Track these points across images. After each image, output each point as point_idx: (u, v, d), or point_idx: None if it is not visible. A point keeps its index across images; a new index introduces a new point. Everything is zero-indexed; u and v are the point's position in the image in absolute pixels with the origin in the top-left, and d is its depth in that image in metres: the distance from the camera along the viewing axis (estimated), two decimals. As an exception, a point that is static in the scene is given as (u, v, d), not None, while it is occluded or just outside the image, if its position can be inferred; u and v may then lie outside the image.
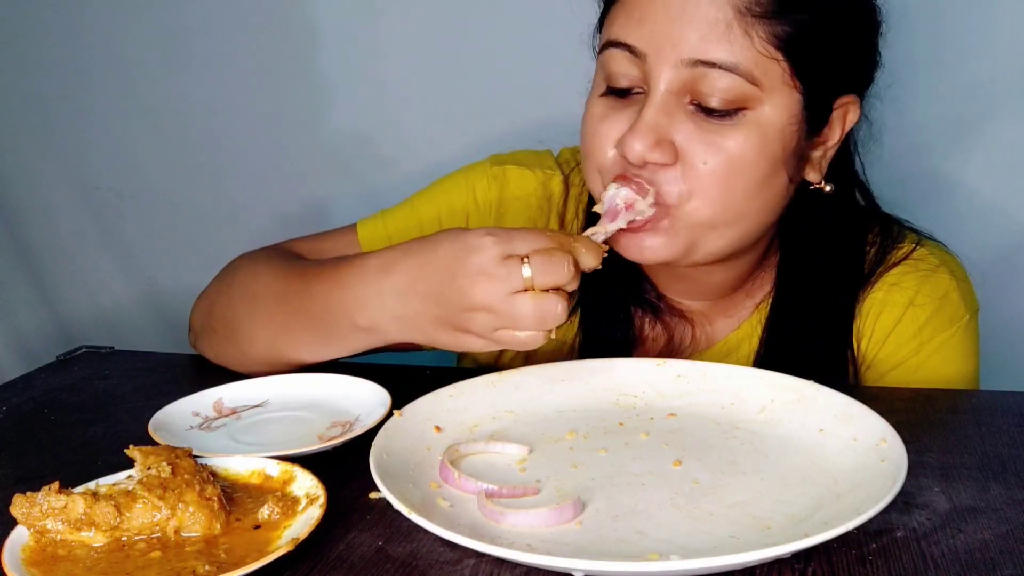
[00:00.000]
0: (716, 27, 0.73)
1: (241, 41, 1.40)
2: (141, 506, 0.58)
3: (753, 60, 0.73)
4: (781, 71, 0.74)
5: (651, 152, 0.75)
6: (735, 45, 0.73)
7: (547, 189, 0.97)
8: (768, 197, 0.79)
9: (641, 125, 0.75)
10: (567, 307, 0.69)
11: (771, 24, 0.73)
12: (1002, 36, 1.16)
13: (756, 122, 0.75)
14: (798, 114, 0.77)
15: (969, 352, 0.91)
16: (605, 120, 0.80)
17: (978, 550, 0.57)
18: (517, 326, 0.69)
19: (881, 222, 0.92)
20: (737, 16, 0.73)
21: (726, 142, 0.75)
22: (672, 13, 0.74)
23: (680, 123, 0.76)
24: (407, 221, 0.97)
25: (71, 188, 1.53)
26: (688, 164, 0.76)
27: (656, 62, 0.75)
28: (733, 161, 0.76)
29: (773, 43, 0.73)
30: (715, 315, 0.94)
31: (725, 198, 0.77)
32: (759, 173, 0.77)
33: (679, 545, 0.56)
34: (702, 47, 0.73)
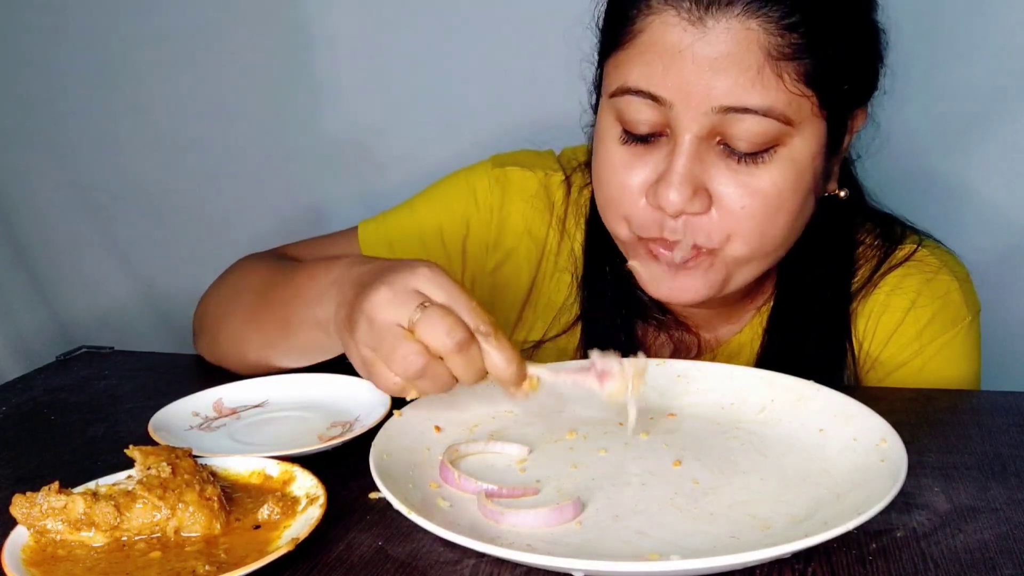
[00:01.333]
0: (747, 73, 0.71)
1: (239, 42, 1.40)
2: (141, 506, 0.58)
3: (785, 101, 0.72)
4: (810, 105, 0.74)
5: (689, 203, 0.74)
6: (768, 88, 0.71)
7: (548, 189, 0.97)
8: (800, 222, 0.80)
9: (675, 177, 0.74)
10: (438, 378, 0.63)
11: (800, 64, 0.72)
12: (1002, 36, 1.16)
13: (789, 157, 0.75)
14: (824, 140, 0.77)
15: (971, 353, 0.91)
16: (631, 169, 0.78)
17: (978, 550, 0.57)
18: (380, 352, 0.63)
19: (881, 223, 0.92)
20: (768, 60, 0.71)
21: (761, 183, 0.74)
22: (700, 62, 0.71)
23: (712, 168, 0.75)
24: (406, 223, 0.97)
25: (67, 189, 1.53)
26: (726, 209, 0.75)
27: (684, 110, 0.73)
28: (770, 200, 0.75)
29: (803, 80, 0.72)
30: (719, 322, 0.94)
31: (764, 235, 0.77)
32: (795, 206, 0.77)
33: (679, 545, 0.56)
34: (734, 94, 0.71)
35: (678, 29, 0.72)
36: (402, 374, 0.63)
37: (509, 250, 0.96)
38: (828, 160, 0.80)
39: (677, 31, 0.72)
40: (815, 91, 0.73)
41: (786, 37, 0.71)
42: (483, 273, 0.97)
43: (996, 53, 1.17)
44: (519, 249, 0.96)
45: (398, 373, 0.63)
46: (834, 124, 0.77)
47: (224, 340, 0.91)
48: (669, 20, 0.72)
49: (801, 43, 0.71)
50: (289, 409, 0.81)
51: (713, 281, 0.79)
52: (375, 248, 0.97)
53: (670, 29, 0.72)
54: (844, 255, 0.90)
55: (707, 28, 0.71)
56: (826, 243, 0.88)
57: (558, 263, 0.96)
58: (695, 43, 0.71)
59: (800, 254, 0.87)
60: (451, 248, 0.97)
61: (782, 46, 0.71)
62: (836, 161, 0.83)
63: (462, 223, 0.96)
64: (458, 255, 0.97)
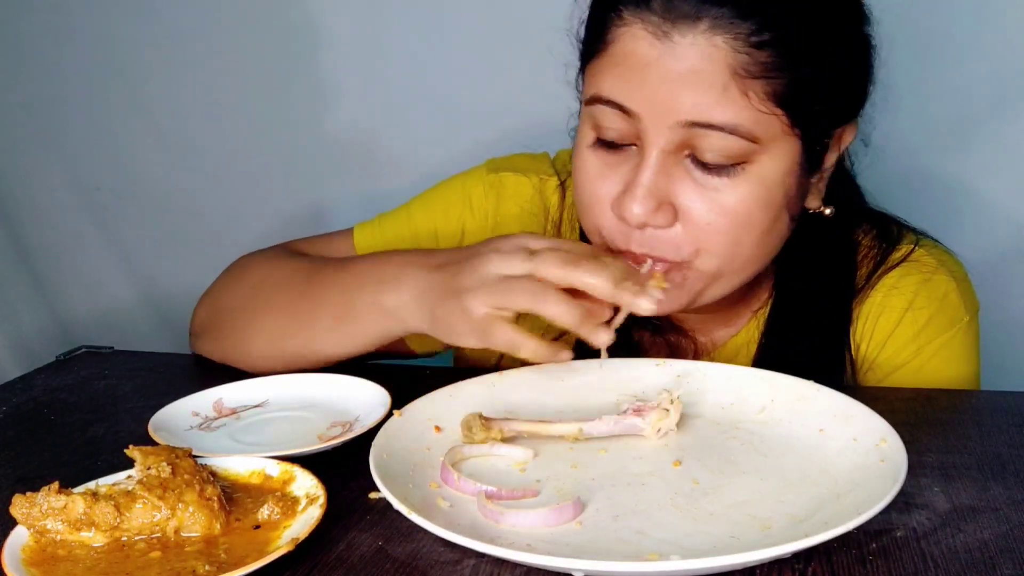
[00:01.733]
0: (712, 89, 0.70)
1: (241, 42, 1.40)
2: (141, 506, 0.58)
3: (752, 119, 0.71)
4: (780, 124, 0.73)
5: (652, 216, 0.74)
6: (733, 106, 0.71)
7: (543, 194, 0.97)
8: (772, 239, 0.79)
9: (638, 189, 0.73)
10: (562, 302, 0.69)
11: (768, 82, 0.71)
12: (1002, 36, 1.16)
13: (757, 175, 0.74)
14: (798, 158, 0.76)
15: (970, 353, 0.91)
16: (601, 178, 0.78)
17: (978, 550, 0.57)
18: (505, 295, 0.69)
19: (878, 222, 0.92)
20: (734, 78, 0.70)
21: (727, 199, 0.74)
22: (667, 76, 0.71)
23: (679, 182, 0.74)
24: (402, 227, 0.97)
25: (70, 189, 1.53)
26: (692, 223, 0.75)
27: (651, 124, 0.73)
28: (737, 217, 0.74)
29: (771, 99, 0.71)
30: (715, 326, 0.93)
31: (733, 252, 0.76)
32: (764, 223, 0.76)
33: (679, 545, 0.56)
34: (699, 110, 0.71)
35: (645, 43, 0.72)
36: (528, 305, 0.69)
37: None
38: (804, 178, 0.78)
39: (645, 44, 0.72)
40: (785, 110, 0.72)
41: (754, 55, 0.70)
42: None
43: (995, 53, 1.17)
44: None
45: (522, 306, 0.69)
46: (811, 143, 0.76)
47: (253, 336, 0.89)
48: (638, 33, 0.72)
49: (770, 61, 0.70)
50: (289, 409, 0.81)
51: (686, 294, 0.79)
52: (369, 251, 0.97)
53: (639, 42, 0.72)
54: (844, 260, 0.89)
55: (674, 43, 0.71)
56: (824, 249, 0.87)
57: None
58: (662, 57, 0.71)
59: (797, 259, 0.87)
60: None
61: (749, 64, 0.70)
62: (819, 178, 0.81)
63: (458, 227, 0.97)
64: None
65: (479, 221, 0.96)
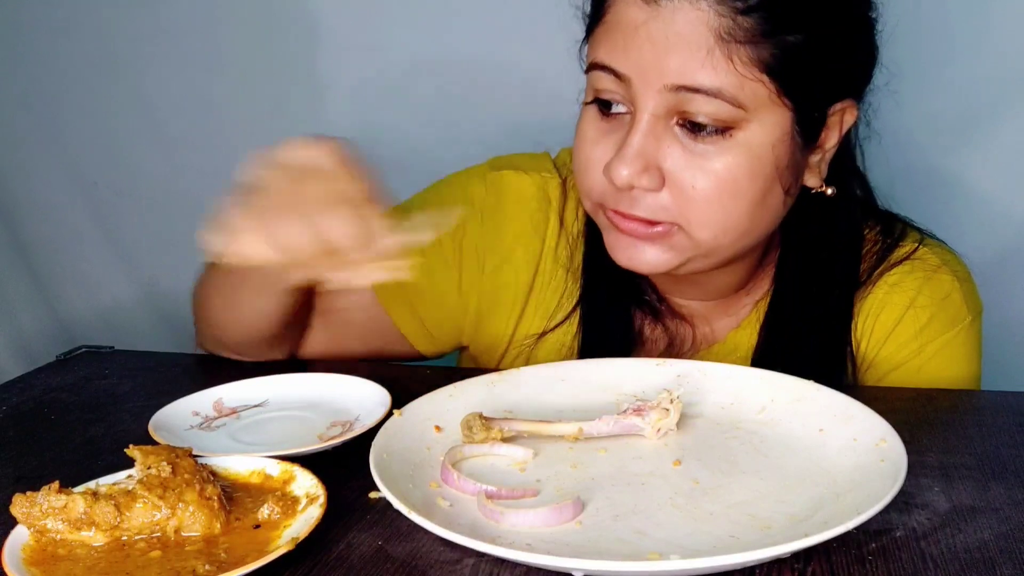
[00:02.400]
0: (697, 53, 0.72)
1: (241, 39, 1.40)
2: (141, 506, 0.58)
3: (736, 84, 0.72)
4: (767, 92, 0.74)
5: (638, 178, 0.75)
6: (717, 70, 0.72)
7: (545, 193, 0.97)
8: (764, 212, 0.79)
9: (627, 151, 0.75)
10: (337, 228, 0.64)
11: (754, 48, 0.72)
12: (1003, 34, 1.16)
13: (745, 143, 0.75)
14: (789, 129, 0.76)
15: (971, 354, 0.90)
16: (596, 143, 0.79)
17: (978, 550, 0.57)
18: None
19: (882, 220, 0.92)
20: (719, 42, 0.71)
21: (714, 164, 0.75)
22: (654, 40, 0.73)
23: (668, 147, 0.75)
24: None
25: (70, 187, 1.53)
26: (678, 188, 0.76)
27: (641, 87, 0.74)
28: (723, 183, 0.75)
29: (757, 66, 0.72)
30: (716, 315, 0.94)
31: (719, 219, 0.77)
32: (752, 192, 0.77)
33: (679, 545, 0.56)
34: (684, 73, 0.72)
35: (635, 8, 0.74)
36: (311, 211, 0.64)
37: (507, 252, 0.96)
38: (799, 153, 0.79)
39: (634, 9, 0.74)
40: (772, 77, 0.73)
41: (739, 20, 0.71)
42: (481, 274, 0.97)
43: (998, 51, 1.17)
44: (516, 250, 0.96)
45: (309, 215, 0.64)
46: (805, 116, 0.77)
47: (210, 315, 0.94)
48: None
49: (756, 27, 0.72)
50: (289, 409, 0.81)
51: (673, 257, 0.80)
52: None
53: (630, 8, 0.74)
54: (849, 253, 0.90)
55: (660, 7, 0.72)
56: (826, 238, 0.88)
57: (558, 259, 0.96)
58: (649, 21, 0.73)
59: (798, 249, 0.87)
60: (448, 250, 0.97)
61: (733, 28, 0.71)
62: (820, 158, 0.82)
63: (459, 225, 0.97)
64: (455, 257, 0.97)
65: (480, 218, 0.96)
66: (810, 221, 0.86)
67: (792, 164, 0.79)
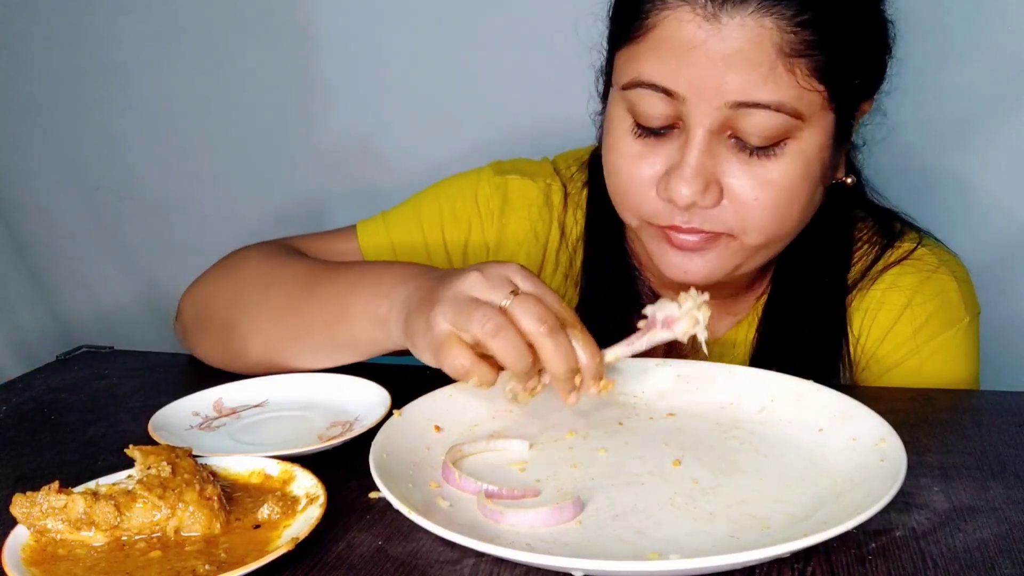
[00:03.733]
0: (759, 69, 0.72)
1: (240, 42, 1.40)
2: (141, 506, 0.58)
3: (796, 96, 0.73)
4: (821, 99, 0.74)
5: (701, 196, 0.75)
6: (780, 84, 0.72)
7: (548, 198, 0.97)
8: (811, 211, 0.81)
9: (686, 171, 0.75)
10: (511, 341, 0.64)
11: (812, 59, 0.73)
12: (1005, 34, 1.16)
13: (799, 150, 0.76)
14: (833, 132, 0.78)
15: (969, 354, 0.90)
16: (642, 160, 0.78)
17: (977, 549, 0.57)
18: (460, 317, 0.65)
19: (880, 218, 0.92)
20: (780, 56, 0.72)
21: (772, 175, 0.75)
22: (713, 58, 0.72)
23: (725, 162, 0.76)
24: (409, 224, 0.97)
25: (71, 188, 1.53)
26: (739, 201, 0.76)
27: (697, 105, 0.74)
28: (782, 192, 0.76)
29: (815, 76, 0.73)
30: (718, 314, 0.93)
31: (777, 226, 0.78)
32: (805, 195, 0.78)
33: (679, 545, 0.56)
34: (746, 90, 0.72)
35: (692, 25, 0.73)
36: (480, 333, 0.64)
37: (509, 256, 0.96)
38: (836, 150, 0.80)
39: (691, 27, 0.73)
40: (826, 86, 0.74)
41: (799, 34, 0.72)
42: None
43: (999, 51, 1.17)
44: (519, 255, 0.96)
45: (476, 333, 0.64)
46: (842, 115, 0.78)
47: (240, 343, 0.87)
48: (684, 16, 0.73)
49: (813, 39, 0.72)
50: (289, 409, 0.81)
51: (726, 265, 0.81)
52: (376, 247, 0.97)
53: (685, 25, 0.73)
54: (841, 243, 0.90)
55: (721, 25, 0.72)
56: (823, 231, 0.88)
57: (558, 265, 0.96)
58: (709, 39, 0.72)
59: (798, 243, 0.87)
60: (452, 250, 0.97)
61: (795, 43, 0.72)
62: (843, 150, 0.83)
63: (465, 226, 0.97)
64: (459, 257, 0.97)
65: (485, 220, 0.97)
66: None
67: (832, 163, 0.81)
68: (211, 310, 0.92)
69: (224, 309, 0.90)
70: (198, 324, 0.94)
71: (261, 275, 0.90)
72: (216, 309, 0.91)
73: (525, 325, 0.65)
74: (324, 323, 0.82)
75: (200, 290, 0.95)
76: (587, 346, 0.67)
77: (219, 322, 0.90)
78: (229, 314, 0.89)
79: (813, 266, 0.89)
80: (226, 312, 0.90)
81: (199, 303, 0.94)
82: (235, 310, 0.89)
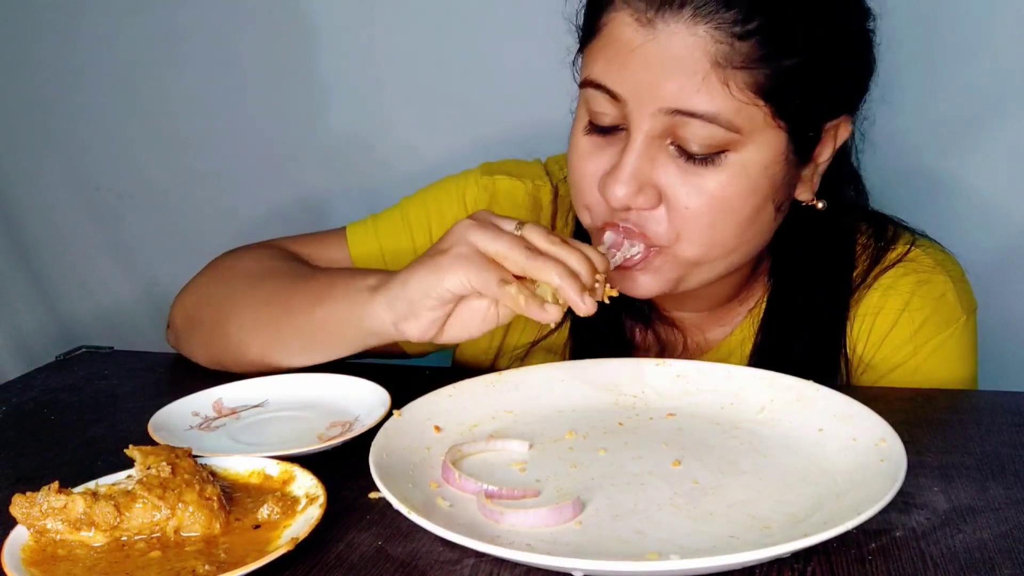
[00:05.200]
0: (693, 78, 0.71)
1: (239, 42, 1.40)
2: (141, 506, 0.58)
3: (732, 109, 0.72)
4: (763, 114, 0.73)
5: (634, 198, 0.75)
6: (713, 95, 0.71)
7: (536, 199, 0.97)
8: (757, 229, 0.79)
9: (622, 173, 0.75)
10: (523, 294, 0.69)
11: (750, 73, 0.71)
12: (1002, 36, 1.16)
13: (739, 163, 0.74)
14: (783, 150, 0.76)
15: (967, 353, 0.90)
16: (590, 159, 0.79)
17: (977, 550, 0.57)
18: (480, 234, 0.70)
19: (874, 223, 0.91)
20: (715, 68, 0.71)
21: (708, 184, 0.75)
22: (650, 63, 0.72)
23: (662, 166, 0.75)
24: (397, 227, 0.97)
25: (71, 188, 1.53)
26: (672, 206, 0.76)
27: (636, 108, 0.74)
28: (716, 203, 0.75)
29: (753, 90, 0.72)
30: (708, 324, 0.94)
31: (712, 238, 0.77)
32: (745, 211, 0.77)
33: (679, 545, 0.56)
34: (680, 98, 0.72)
35: (631, 29, 0.73)
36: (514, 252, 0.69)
37: None
38: (793, 169, 0.79)
39: (630, 31, 0.73)
40: (768, 102, 0.72)
41: (736, 46, 0.70)
42: None
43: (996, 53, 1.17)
44: None
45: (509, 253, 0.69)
46: (799, 135, 0.76)
47: (234, 345, 0.88)
48: (625, 19, 0.73)
49: (753, 53, 0.71)
50: (289, 409, 0.81)
51: (666, 279, 0.80)
52: (364, 250, 0.97)
53: (625, 28, 0.73)
54: (841, 258, 0.89)
55: (656, 30, 0.72)
56: (820, 246, 0.88)
57: None
58: (645, 44, 0.72)
59: (792, 256, 0.87)
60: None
61: (730, 54, 0.70)
62: (812, 171, 0.81)
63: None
64: None
65: None
66: (803, 231, 0.86)
67: (786, 182, 0.79)
68: (200, 312, 0.93)
69: (213, 309, 0.91)
70: (189, 328, 0.94)
71: (250, 274, 0.91)
72: (205, 310, 0.92)
73: (543, 244, 0.70)
74: (307, 304, 0.83)
75: (189, 295, 0.96)
76: (595, 252, 0.72)
77: (209, 322, 0.91)
78: (219, 313, 0.90)
79: (812, 275, 0.88)
80: (216, 311, 0.91)
81: (189, 307, 0.95)
82: (225, 307, 0.90)
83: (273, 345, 0.85)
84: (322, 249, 0.98)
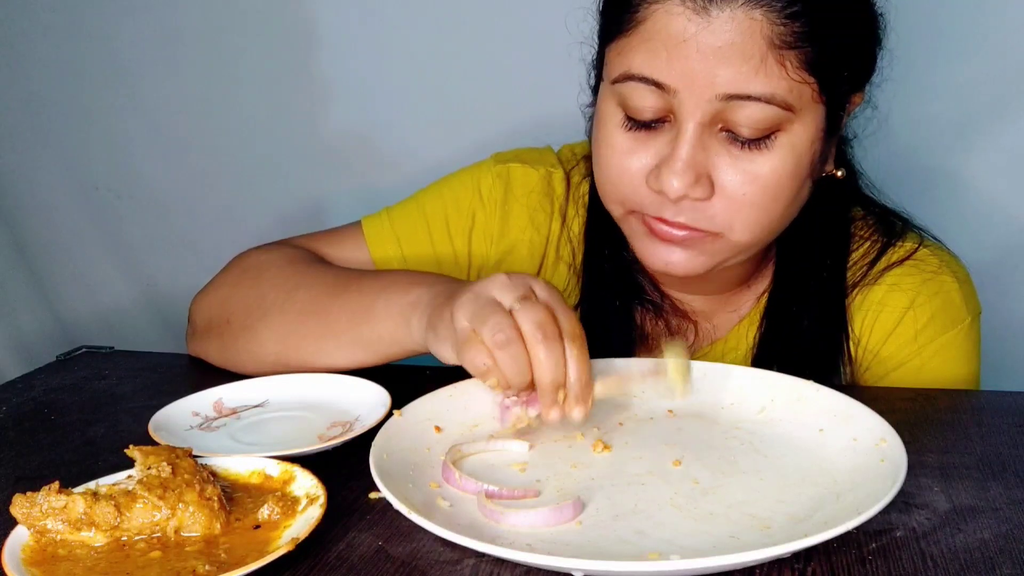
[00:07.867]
0: (750, 61, 0.72)
1: (240, 41, 1.40)
2: (141, 506, 0.58)
3: (787, 88, 0.73)
4: (811, 91, 0.74)
5: (692, 189, 0.75)
6: (771, 76, 0.72)
7: (550, 186, 0.98)
8: (797, 206, 0.81)
9: (678, 163, 0.75)
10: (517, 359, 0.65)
11: (801, 52, 0.73)
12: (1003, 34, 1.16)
13: (788, 144, 0.76)
14: (822, 125, 0.77)
15: (970, 355, 0.91)
16: (632, 154, 0.78)
17: (977, 550, 0.57)
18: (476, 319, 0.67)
19: (879, 214, 0.92)
20: (772, 49, 0.72)
21: (762, 169, 0.75)
22: (704, 51, 0.72)
23: (715, 155, 0.76)
24: (414, 217, 0.98)
25: (71, 188, 1.53)
26: (727, 195, 0.76)
27: (688, 98, 0.74)
28: (770, 186, 0.76)
29: (805, 68, 0.73)
30: (718, 310, 0.94)
31: (764, 221, 0.78)
32: (793, 190, 0.78)
33: (679, 545, 0.56)
34: (738, 82, 0.72)
35: (682, 18, 0.73)
36: (489, 340, 0.65)
37: (513, 243, 0.97)
38: (826, 143, 0.80)
39: (682, 20, 0.73)
40: (816, 78, 0.74)
41: (788, 26, 0.72)
42: (488, 266, 0.98)
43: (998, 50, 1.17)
44: (522, 242, 0.97)
45: (485, 339, 0.66)
46: (832, 108, 0.78)
47: (259, 344, 0.88)
48: (673, 9, 0.73)
49: (803, 31, 0.72)
50: (289, 409, 0.81)
51: (708, 260, 0.81)
52: (381, 242, 0.97)
53: (675, 18, 0.73)
54: (838, 240, 0.90)
55: (711, 17, 0.72)
56: (822, 226, 0.88)
57: (560, 253, 0.97)
58: (699, 32, 0.72)
59: (797, 238, 0.87)
60: (457, 241, 0.98)
61: (785, 35, 0.72)
62: (833, 143, 0.83)
63: (468, 216, 0.97)
64: (464, 248, 0.98)
65: (488, 209, 0.98)
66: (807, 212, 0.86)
67: (821, 157, 0.80)
68: (228, 313, 0.92)
69: (243, 312, 0.90)
70: (212, 328, 0.94)
71: (286, 279, 0.90)
72: (234, 312, 0.91)
73: (526, 328, 0.65)
74: (350, 322, 0.83)
75: (214, 294, 0.95)
76: (579, 364, 0.66)
77: (237, 325, 0.90)
78: (249, 317, 0.89)
79: (812, 264, 0.89)
80: (246, 315, 0.90)
81: (214, 307, 0.94)
82: (257, 313, 0.89)
83: (319, 355, 0.86)
84: (337, 245, 0.99)
